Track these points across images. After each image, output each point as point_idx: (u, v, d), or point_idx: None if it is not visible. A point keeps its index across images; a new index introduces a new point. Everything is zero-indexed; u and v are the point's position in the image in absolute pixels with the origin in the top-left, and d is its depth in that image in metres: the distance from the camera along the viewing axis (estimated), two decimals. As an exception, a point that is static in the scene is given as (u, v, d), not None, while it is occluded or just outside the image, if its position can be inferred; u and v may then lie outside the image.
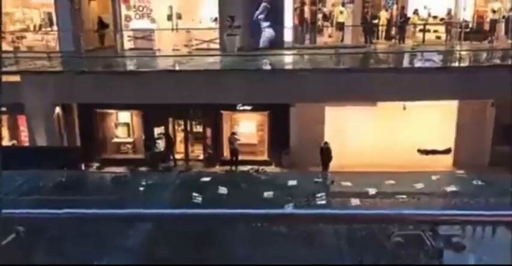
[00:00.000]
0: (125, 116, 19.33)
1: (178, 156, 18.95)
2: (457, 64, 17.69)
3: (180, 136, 19.32)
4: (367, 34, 19.87)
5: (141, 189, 8.12)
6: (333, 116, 17.83)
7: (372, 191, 7.65)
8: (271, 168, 17.42)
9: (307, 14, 20.73)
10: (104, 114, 19.26)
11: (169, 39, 20.10)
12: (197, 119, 19.18)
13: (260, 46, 18.91)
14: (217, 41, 19.35)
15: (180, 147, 19.23)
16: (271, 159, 18.37)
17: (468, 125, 17.66)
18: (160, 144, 18.73)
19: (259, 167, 15.94)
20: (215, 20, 19.82)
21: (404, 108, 17.24)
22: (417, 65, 17.56)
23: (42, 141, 16.34)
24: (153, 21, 20.40)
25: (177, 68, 17.07)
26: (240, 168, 16.98)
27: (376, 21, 20.24)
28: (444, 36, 20.33)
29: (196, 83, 15.24)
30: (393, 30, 20.65)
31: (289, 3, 19.68)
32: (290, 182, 9.87)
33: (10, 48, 19.22)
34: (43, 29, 21.22)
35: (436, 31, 20.71)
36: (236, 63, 17.32)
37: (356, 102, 16.86)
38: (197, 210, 2.10)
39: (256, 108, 18.15)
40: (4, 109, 17.13)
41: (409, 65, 17.77)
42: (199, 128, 19.18)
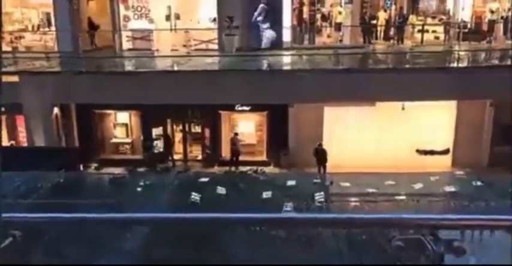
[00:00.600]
0: (123, 116, 19.29)
1: (176, 157, 18.91)
2: (456, 64, 17.71)
3: (179, 136, 19.29)
4: (365, 34, 19.87)
5: (139, 190, 8.10)
6: (332, 116, 17.82)
7: (371, 192, 7.66)
8: (269, 169, 17.40)
9: (305, 15, 20.73)
10: (102, 115, 19.22)
11: (167, 39, 20.07)
12: (196, 119, 19.14)
13: (261, 47, 18.88)
14: (215, 41, 19.33)
15: (179, 148, 19.20)
16: (269, 160, 18.35)
17: (467, 125, 17.66)
18: (158, 145, 18.71)
19: (257, 168, 15.95)
20: (214, 21, 19.80)
21: (403, 108, 17.24)
22: (416, 65, 17.55)
23: (40, 142, 16.32)
24: (152, 21, 20.37)
25: (176, 69, 17.06)
26: (239, 169, 16.96)
27: (374, 21, 20.25)
28: (443, 36, 20.34)
29: (194, 83, 15.23)
30: (392, 30, 20.65)
31: (287, 3, 19.67)
32: (289, 182, 9.88)
33: (8, 48, 19.17)
34: (41, 29, 21.19)
35: (435, 31, 20.72)
36: (235, 63, 17.30)
37: (355, 103, 16.85)
38: (195, 214, 2.08)
39: (254, 109, 18.13)
40: (2, 109, 17.10)
41: (408, 65, 17.77)
42: (197, 128, 19.14)
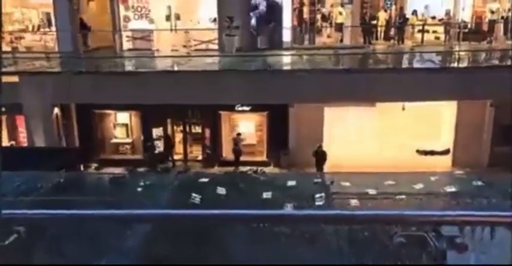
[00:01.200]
0: (124, 117, 19.29)
1: (176, 157, 18.91)
2: (456, 64, 17.71)
3: (179, 136, 19.29)
4: (366, 35, 19.85)
5: (139, 190, 8.09)
6: (332, 117, 17.81)
7: (372, 192, 7.64)
8: (269, 169, 17.41)
9: (306, 15, 20.72)
10: (103, 115, 19.23)
11: (168, 39, 20.07)
12: (196, 120, 19.14)
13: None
14: (216, 42, 19.33)
15: (179, 148, 19.20)
16: (270, 160, 18.35)
17: (467, 125, 17.65)
18: (158, 145, 18.71)
19: (258, 168, 15.95)
20: (214, 21, 19.80)
21: (403, 109, 17.23)
22: (416, 66, 17.57)
23: (40, 142, 16.31)
24: (152, 21, 20.37)
25: (176, 69, 17.06)
26: (239, 169, 16.95)
27: (374, 21, 20.23)
28: (443, 36, 20.33)
29: (195, 84, 15.23)
30: (392, 30, 20.63)
31: (288, 3, 19.68)
32: (289, 183, 9.86)
33: (8, 48, 19.17)
34: (41, 29, 21.19)
35: (435, 31, 20.71)
36: (235, 63, 17.29)
37: (355, 103, 16.85)
38: (195, 211, 2.08)
39: (255, 109, 18.13)
40: (2, 109, 17.09)
41: (408, 66, 17.78)
42: (197, 129, 19.14)
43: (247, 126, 18.89)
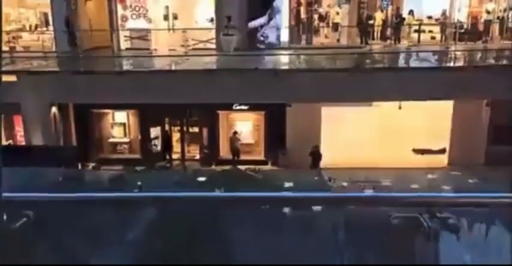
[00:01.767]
0: (121, 116, 19.33)
1: (174, 156, 18.96)
2: (452, 64, 17.83)
3: (176, 136, 19.33)
4: (363, 34, 19.95)
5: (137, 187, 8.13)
6: (329, 116, 17.90)
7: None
8: (267, 168, 17.49)
9: (303, 15, 20.82)
10: (100, 114, 19.26)
11: (165, 39, 20.13)
12: (193, 119, 19.19)
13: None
14: (213, 41, 19.39)
15: (177, 147, 19.24)
16: (267, 159, 18.41)
17: (463, 125, 17.75)
18: (156, 144, 18.76)
19: (255, 167, 16.03)
20: (211, 21, 19.87)
21: (399, 108, 17.34)
22: (413, 65, 17.68)
23: (38, 141, 16.32)
24: (150, 21, 20.42)
25: (174, 68, 17.11)
26: (237, 168, 17.02)
27: (371, 21, 20.34)
28: (439, 36, 20.46)
29: (192, 83, 15.28)
30: (388, 30, 20.74)
31: (285, 3, 19.78)
32: (287, 182, 9.93)
33: (6, 48, 19.17)
34: (39, 29, 21.21)
35: (431, 31, 20.84)
36: (232, 63, 17.35)
37: (352, 102, 16.93)
38: (195, 193, 2.14)
39: (252, 108, 18.20)
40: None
41: (405, 65, 17.88)
42: (195, 128, 19.20)
43: (245, 126, 18.95)
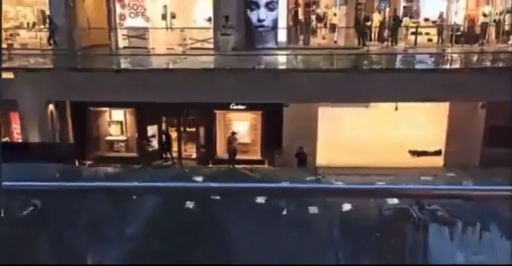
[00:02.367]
0: (118, 114, 19.34)
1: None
2: (449, 66, 17.93)
3: (173, 134, 19.37)
4: (360, 36, 20.04)
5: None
6: (326, 116, 17.97)
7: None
8: (263, 167, 17.55)
9: (301, 15, 20.89)
10: (97, 112, 19.27)
11: (163, 38, 20.16)
12: (190, 118, 19.24)
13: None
14: (211, 41, 19.44)
15: (174, 146, 19.27)
16: (264, 158, 18.46)
17: (459, 127, 17.85)
18: (153, 143, 18.79)
19: (251, 166, 16.08)
20: (209, 20, 19.92)
21: (396, 109, 17.42)
22: (409, 67, 17.76)
23: (34, 139, 16.33)
24: (148, 20, 20.45)
25: (171, 67, 17.14)
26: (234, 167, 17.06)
27: (369, 23, 20.43)
28: (436, 38, 20.57)
29: (190, 82, 15.32)
30: (386, 32, 20.83)
31: (283, 4, 19.85)
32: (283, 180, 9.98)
33: (4, 45, 19.14)
34: (37, 27, 21.21)
35: (428, 34, 20.95)
36: (230, 62, 17.40)
37: (349, 103, 17.01)
38: (194, 184, 2.18)
39: (249, 108, 18.25)
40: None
41: (402, 67, 17.97)
42: (192, 127, 19.24)
43: (241, 125, 19.00)
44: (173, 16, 20.51)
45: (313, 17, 21.23)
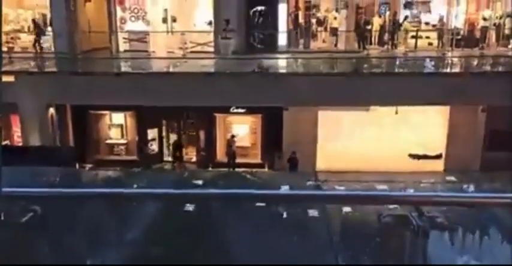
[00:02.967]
0: (119, 117, 19.35)
1: (171, 158, 18.99)
2: (449, 70, 17.95)
3: (173, 138, 19.37)
4: (360, 39, 20.06)
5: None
6: (326, 120, 17.97)
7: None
8: (263, 171, 17.54)
9: (301, 19, 20.92)
10: (98, 115, 19.28)
11: (164, 41, 20.20)
12: (191, 121, 19.25)
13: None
14: (211, 44, 19.47)
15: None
16: (264, 162, 18.46)
17: (459, 130, 17.85)
18: (153, 146, 18.80)
19: (251, 170, 16.07)
20: (210, 24, 19.96)
21: (396, 113, 17.43)
22: (410, 70, 17.77)
23: (35, 142, 16.33)
24: (148, 23, 20.50)
25: (171, 70, 17.17)
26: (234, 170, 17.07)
27: (369, 27, 20.45)
28: (436, 42, 20.59)
29: (190, 85, 15.33)
30: (386, 36, 20.85)
31: (283, 8, 19.89)
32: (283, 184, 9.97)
33: (4, 48, 19.15)
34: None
35: (428, 37, 20.97)
36: (230, 66, 17.43)
37: (349, 106, 17.02)
38: (193, 190, 2.17)
39: (249, 111, 18.26)
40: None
41: (402, 70, 17.99)
42: (192, 130, 19.24)
43: (241, 128, 19.00)
44: (174, 19, 20.55)
45: (313, 21, 21.25)
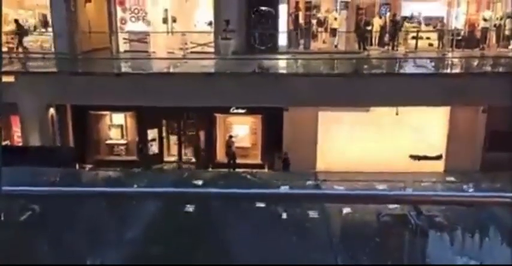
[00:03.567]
0: (119, 118, 19.35)
1: (171, 158, 18.99)
2: (449, 70, 17.95)
3: (173, 138, 19.37)
4: (360, 40, 20.07)
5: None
6: (326, 121, 17.97)
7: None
8: (264, 172, 17.55)
9: (301, 20, 20.93)
10: (98, 116, 19.27)
11: (164, 42, 20.20)
12: (191, 122, 19.25)
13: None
14: (212, 45, 19.48)
15: (173, 149, 19.28)
16: (264, 162, 18.45)
17: (459, 131, 17.84)
18: (153, 147, 18.80)
19: (251, 170, 16.07)
20: (210, 24, 19.96)
21: (396, 114, 17.42)
22: (410, 71, 17.78)
23: (35, 142, 16.33)
24: (148, 24, 20.50)
25: (172, 71, 17.18)
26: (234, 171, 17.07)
27: (369, 27, 20.45)
28: (436, 43, 20.59)
29: (190, 86, 15.34)
30: (386, 36, 20.85)
31: (284, 8, 19.90)
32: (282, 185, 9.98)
33: (4, 48, 19.15)
34: (38, 30, 21.24)
35: (429, 38, 20.98)
36: (230, 66, 17.43)
37: (349, 107, 17.01)
38: (193, 189, 2.17)
39: (249, 112, 18.25)
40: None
41: (402, 71, 17.98)
42: (192, 131, 19.23)
43: (241, 129, 19.00)
44: (174, 20, 20.55)
45: (313, 21, 21.26)
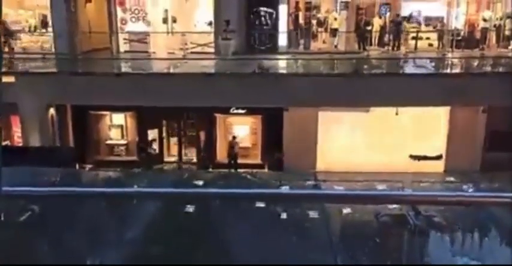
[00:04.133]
0: (119, 118, 19.36)
1: (171, 159, 18.99)
2: (449, 71, 17.95)
3: (174, 139, 19.37)
4: (360, 40, 20.08)
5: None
6: (326, 121, 17.97)
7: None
8: (264, 172, 17.56)
9: (301, 20, 20.94)
10: (98, 116, 19.28)
11: (164, 42, 20.21)
12: (191, 122, 19.25)
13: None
14: (212, 45, 19.48)
15: (174, 150, 19.28)
16: (264, 162, 18.46)
17: (459, 131, 17.85)
18: (154, 146, 18.80)
19: (252, 170, 16.09)
20: (210, 24, 19.97)
21: (396, 114, 17.42)
22: (410, 71, 17.78)
23: (35, 142, 16.33)
24: (149, 24, 20.51)
25: (172, 71, 17.18)
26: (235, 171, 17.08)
27: (369, 27, 20.45)
28: (436, 43, 20.60)
29: (190, 86, 15.35)
30: (386, 36, 20.85)
31: (284, 8, 19.91)
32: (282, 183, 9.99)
33: (5, 49, 19.15)
34: (38, 31, 21.26)
35: (428, 38, 20.98)
36: (230, 66, 17.43)
37: (349, 107, 17.02)
38: (193, 189, 2.18)
39: (250, 112, 18.26)
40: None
41: (402, 71, 17.98)
42: (192, 131, 19.24)
43: (242, 129, 19.00)
44: (174, 20, 20.57)
45: (313, 22, 21.27)
